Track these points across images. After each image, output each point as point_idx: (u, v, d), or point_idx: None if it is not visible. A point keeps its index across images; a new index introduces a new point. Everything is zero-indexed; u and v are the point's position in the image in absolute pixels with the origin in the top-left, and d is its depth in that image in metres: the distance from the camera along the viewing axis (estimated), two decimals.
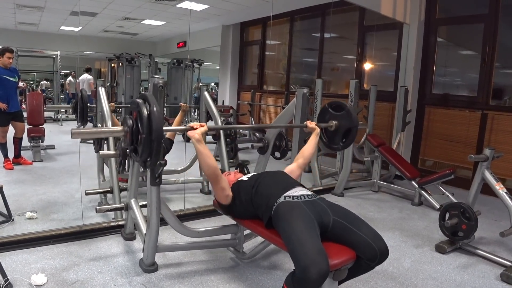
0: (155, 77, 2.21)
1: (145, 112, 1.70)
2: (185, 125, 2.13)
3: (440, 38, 5.49)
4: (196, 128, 2.09)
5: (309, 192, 2.16)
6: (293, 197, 2.06)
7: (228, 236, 2.69)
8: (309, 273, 1.64)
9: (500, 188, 2.96)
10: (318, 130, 2.63)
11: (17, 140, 5.01)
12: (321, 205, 2.05)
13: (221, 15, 7.57)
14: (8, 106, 4.71)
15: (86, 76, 7.60)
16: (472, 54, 5.41)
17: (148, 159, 1.75)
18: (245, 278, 2.49)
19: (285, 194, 2.08)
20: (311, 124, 2.63)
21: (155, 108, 1.70)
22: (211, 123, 4.15)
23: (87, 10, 6.42)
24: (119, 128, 1.84)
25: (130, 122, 1.77)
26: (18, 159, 5.04)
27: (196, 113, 8.68)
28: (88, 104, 3.81)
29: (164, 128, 1.77)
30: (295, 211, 1.96)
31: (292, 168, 2.54)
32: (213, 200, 2.54)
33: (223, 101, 8.70)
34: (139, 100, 1.75)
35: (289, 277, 1.78)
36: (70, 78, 8.59)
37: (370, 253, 1.86)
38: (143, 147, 1.70)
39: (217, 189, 2.28)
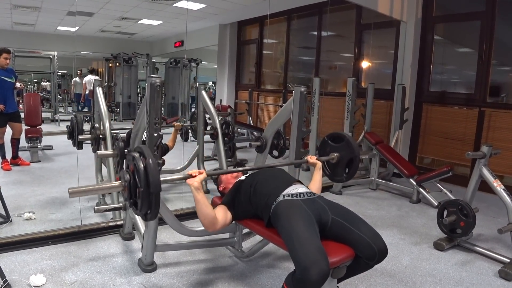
0: (153, 77, 2.20)
1: (141, 165, 1.70)
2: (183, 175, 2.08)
3: (437, 36, 5.50)
4: (195, 176, 2.03)
5: (308, 190, 2.16)
6: (292, 195, 2.06)
7: (226, 235, 2.69)
8: (310, 273, 1.63)
9: (497, 185, 2.96)
10: (319, 164, 2.56)
11: (15, 141, 5.00)
12: (320, 203, 2.04)
13: (218, 14, 7.56)
14: (5, 107, 4.70)
15: (92, 77, 7.62)
16: (469, 51, 5.42)
17: (148, 212, 1.75)
18: (244, 277, 2.49)
19: (284, 193, 2.07)
20: (312, 159, 2.57)
21: (150, 161, 1.71)
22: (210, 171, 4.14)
23: (84, 10, 6.40)
24: (117, 183, 1.84)
25: (127, 176, 1.77)
26: (16, 160, 5.03)
27: (188, 114, 8.71)
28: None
29: (161, 179, 1.77)
30: (295, 210, 1.95)
31: None
32: (212, 199, 2.54)
33: (220, 100, 8.69)
34: (135, 154, 1.75)
35: (289, 277, 1.78)
36: (76, 78, 8.60)
37: (369, 252, 1.87)
38: (142, 201, 1.70)
39: (219, 229, 2.22)
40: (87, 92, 7.82)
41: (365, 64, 6.43)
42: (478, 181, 3.10)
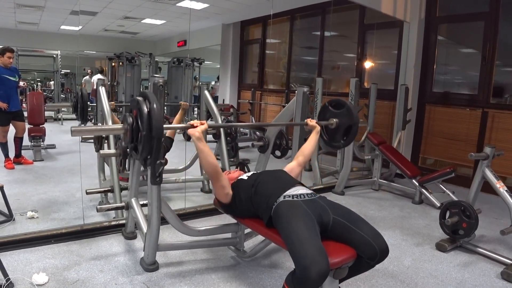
0: (155, 76, 2.21)
1: (145, 109, 1.69)
2: (185, 124, 2.12)
3: (440, 36, 5.49)
4: (197, 126, 2.08)
5: (309, 191, 2.16)
6: (293, 196, 2.06)
7: (228, 235, 2.70)
8: (309, 272, 1.64)
9: (500, 186, 2.96)
10: (318, 128, 2.62)
11: (18, 140, 5.02)
12: (321, 204, 2.05)
13: (221, 14, 7.57)
14: (8, 105, 4.71)
15: (100, 76, 7.65)
16: (472, 52, 5.40)
17: (149, 157, 1.74)
18: (246, 277, 2.49)
19: (285, 193, 2.08)
20: (311, 122, 2.62)
21: (155, 106, 1.69)
22: (211, 122, 4.15)
23: (87, 9, 6.42)
24: (119, 125, 1.83)
25: (130, 120, 1.76)
26: (19, 159, 5.05)
27: (196, 112, 8.70)
28: (89, 103, 3.81)
29: (164, 126, 1.76)
30: (295, 210, 1.96)
31: (292, 166, 2.54)
32: (214, 199, 2.54)
33: (223, 99, 8.70)
34: (139, 98, 1.74)
35: (289, 276, 1.78)
36: (87, 77, 8.62)
37: (370, 252, 1.86)
38: (143, 145, 1.69)
39: (217, 187, 2.28)
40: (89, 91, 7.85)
41: (368, 64, 6.43)
42: (481, 182, 3.09)
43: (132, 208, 2.72)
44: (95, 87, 7.54)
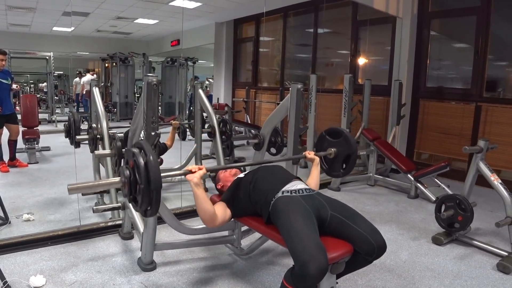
0: (149, 76, 2.20)
1: (142, 162, 1.68)
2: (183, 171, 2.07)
3: (433, 32, 5.50)
4: (195, 172, 2.03)
5: (307, 186, 2.16)
6: (291, 191, 2.06)
7: (225, 233, 2.70)
8: (308, 268, 1.64)
9: (495, 179, 2.97)
10: (317, 159, 2.56)
11: (12, 143, 4.99)
12: (319, 199, 2.05)
13: (214, 13, 7.55)
14: (1, 108, 4.69)
15: (90, 76, 7.60)
16: (465, 46, 5.42)
17: (149, 208, 1.73)
18: (244, 274, 2.50)
19: (283, 189, 2.07)
20: (310, 154, 2.56)
21: (151, 158, 1.68)
22: (209, 166, 4.16)
23: (79, 10, 6.38)
24: (117, 179, 1.82)
25: (127, 172, 1.75)
26: (13, 162, 5.02)
27: (186, 113, 8.73)
28: (80, 104, 3.80)
29: (162, 174, 1.75)
30: (294, 206, 1.96)
31: None
32: (210, 197, 2.54)
33: (218, 98, 8.69)
34: (135, 150, 1.73)
35: (288, 273, 1.79)
36: (77, 79, 8.59)
37: (367, 247, 1.87)
38: (142, 198, 1.68)
39: (218, 225, 2.21)
40: (84, 92, 7.82)
41: (361, 60, 6.44)
42: (475, 175, 3.11)
43: (129, 208, 2.72)
44: (85, 88, 7.51)
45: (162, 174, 1.78)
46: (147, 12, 6.90)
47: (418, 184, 4.24)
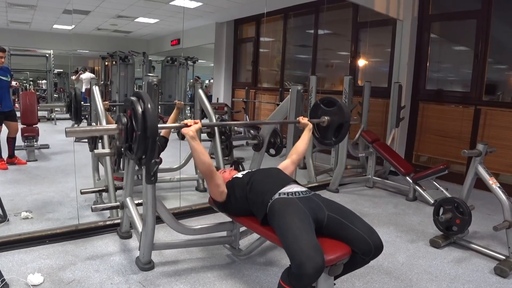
0: (149, 75, 2.21)
1: (140, 109, 1.69)
2: (179, 123, 2.12)
3: (433, 34, 5.52)
4: (190, 125, 2.09)
5: (304, 189, 2.17)
6: (288, 193, 2.07)
7: (224, 233, 2.70)
8: (305, 268, 1.65)
9: (493, 183, 2.98)
10: (310, 125, 2.63)
11: (11, 140, 4.98)
12: (315, 201, 2.06)
13: (215, 12, 7.55)
14: (1, 105, 4.68)
15: (90, 74, 7.58)
16: (465, 49, 5.44)
17: (143, 157, 1.74)
18: (242, 275, 2.50)
19: (280, 191, 2.09)
20: (304, 119, 2.64)
21: (149, 105, 1.69)
22: (205, 121, 4.16)
23: (80, 8, 6.37)
24: (114, 126, 1.83)
25: (124, 120, 1.76)
26: (12, 159, 5.01)
27: (190, 111, 8.70)
28: (82, 102, 3.80)
29: (158, 125, 1.76)
30: (290, 207, 1.97)
31: (286, 164, 2.55)
32: (209, 198, 2.55)
33: (217, 98, 8.68)
34: (133, 98, 1.74)
35: (285, 273, 1.80)
36: (73, 76, 8.54)
37: (364, 247, 1.88)
38: (138, 145, 1.69)
39: (211, 185, 2.29)
40: (83, 90, 7.79)
41: (361, 62, 6.45)
42: (474, 178, 3.12)
43: (127, 208, 2.71)
44: (85, 86, 7.48)
45: (161, 126, 1.80)
46: (148, 11, 6.90)
47: (417, 187, 4.25)
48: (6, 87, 4.83)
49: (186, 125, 2.09)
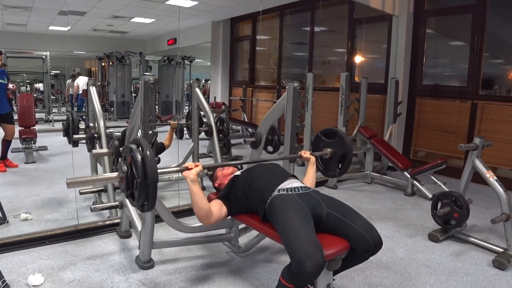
0: (146, 75, 2.21)
1: (139, 157, 1.71)
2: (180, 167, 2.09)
3: (429, 30, 5.53)
4: (191, 169, 2.05)
5: (303, 184, 2.18)
6: (287, 189, 2.08)
7: (223, 231, 2.72)
8: (305, 266, 1.66)
9: (490, 176, 2.99)
10: (313, 159, 2.59)
11: (6, 143, 4.95)
12: (314, 197, 2.07)
13: (211, 11, 7.56)
14: None
15: (84, 78, 7.57)
16: (461, 44, 5.44)
17: (145, 203, 1.76)
18: (241, 272, 2.51)
19: (279, 187, 2.09)
20: (306, 154, 2.60)
21: (148, 153, 1.71)
22: (205, 163, 4.17)
23: (76, 9, 6.37)
24: (115, 174, 1.85)
25: (124, 168, 1.78)
26: (4, 161, 4.98)
27: (184, 112, 8.71)
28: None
29: (158, 170, 1.78)
30: (289, 204, 1.97)
31: None
32: (208, 195, 2.56)
33: (214, 97, 8.69)
34: (133, 146, 1.76)
35: (285, 270, 1.81)
36: (69, 80, 8.53)
37: (363, 244, 1.89)
38: (139, 192, 1.71)
39: (214, 223, 2.22)
40: (80, 92, 7.79)
41: (358, 58, 6.46)
42: (471, 172, 3.13)
43: (126, 207, 2.72)
44: (80, 89, 7.48)
45: (159, 171, 1.81)
46: (144, 11, 6.90)
47: (415, 182, 4.26)
48: (2, 90, 4.82)
49: (187, 168, 2.05)
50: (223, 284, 2.35)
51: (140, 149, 1.74)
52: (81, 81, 7.52)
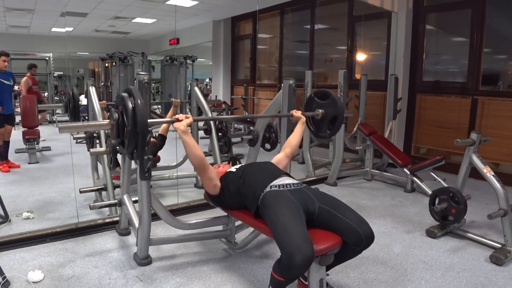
0: (140, 74, 2.25)
1: (130, 105, 1.72)
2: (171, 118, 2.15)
3: (429, 26, 5.51)
4: (182, 120, 2.12)
5: (295, 181, 2.20)
6: (279, 186, 2.10)
7: (220, 228, 2.74)
8: (294, 259, 1.68)
9: (487, 172, 2.99)
10: (303, 118, 2.66)
11: (5, 144, 5.01)
12: (306, 192, 2.09)
13: (211, 11, 7.58)
14: (2, 108, 4.75)
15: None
16: (461, 40, 5.42)
17: (135, 151, 1.78)
18: (237, 268, 2.54)
19: (271, 184, 2.11)
20: (297, 113, 2.66)
21: (139, 101, 1.73)
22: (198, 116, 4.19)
23: (77, 11, 6.43)
24: (106, 121, 1.88)
25: (116, 115, 1.80)
26: (6, 162, 5.04)
27: (188, 109, 8.71)
28: (81, 102, 3.85)
29: (149, 120, 1.80)
30: (281, 199, 2.00)
31: (279, 158, 2.57)
32: (204, 193, 2.59)
33: (216, 96, 8.72)
34: (124, 94, 1.78)
35: (276, 264, 1.83)
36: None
37: (355, 237, 1.90)
38: (129, 139, 1.73)
39: (205, 179, 2.32)
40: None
41: (358, 56, 6.45)
42: (468, 168, 3.13)
43: (125, 205, 2.76)
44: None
45: (151, 120, 1.84)
46: (145, 11, 6.94)
47: (414, 178, 4.26)
48: (8, 91, 4.91)
49: (178, 120, 2.12)
50: (219, 280, 2.38)
51: (131, 97, 1.75)
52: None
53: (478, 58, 4.91)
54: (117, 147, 1.90)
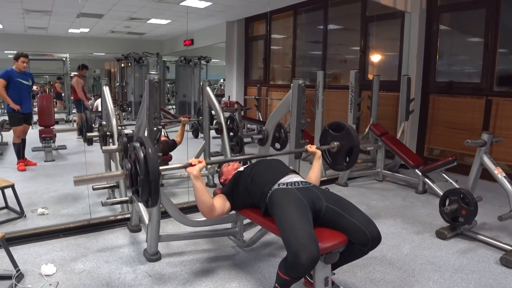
0: (151, 73, 2.29)
1: (141, 155, 1.77)
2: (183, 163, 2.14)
3: (443, 26, 5.45)
4: (195, 165, 2.08)
5: (303, 179, 2.21)
6: (287, 184, 2.12)
7: (228, 225, 2.78)
8: (300, 257, 1.69)
9: (498, 173, 2.96)
10: (319, 153, 2.58)
11: (21, 142, 5.13)
12: (314, 191, 2.10)
13: (225, 11, 7.63)
14: (21, 107, 4.88)
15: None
16: (476, 40, 5.35)
17: (149, 199, 1.82)
18: (245, 265, 2.57)
19: (279, 181, 2.13)
20: (311, 148, 2.58)
21: (150, 151, 1.77)
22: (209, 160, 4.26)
23: (93, 12, 6.54)
24: (120, 172, 1.92)
25: (128, 165, 1.85)
26: (23, 160, 5.16)
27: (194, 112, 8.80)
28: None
29: (160, 168, 1.83)
30: (289, 197, 2.01)
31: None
32: (213, 191, 2.62)
33: (229, 96, 8.77)
34: (136, 144, 1.82)
35: (282, 262, 1.86)
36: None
37: (361, 238, 1.91)
38: (143, 188, 1.77)
39: (217, 217, 2.28)
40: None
41: (371, 56, 6.42)
42: (479, 169, 3.10)
43: (136, 202, 2.81)
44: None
45: (163, 168, 1.87)
46: (159, 12, 7.03)
47: (426, 179, 4.22)
48: (27, 91, 5.04)
49: (191, 165, 2.08)
50: (226, 277, 2.41)
51: (142, 147, 1.80)
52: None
53: (493, 58, 4.84)
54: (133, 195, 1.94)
